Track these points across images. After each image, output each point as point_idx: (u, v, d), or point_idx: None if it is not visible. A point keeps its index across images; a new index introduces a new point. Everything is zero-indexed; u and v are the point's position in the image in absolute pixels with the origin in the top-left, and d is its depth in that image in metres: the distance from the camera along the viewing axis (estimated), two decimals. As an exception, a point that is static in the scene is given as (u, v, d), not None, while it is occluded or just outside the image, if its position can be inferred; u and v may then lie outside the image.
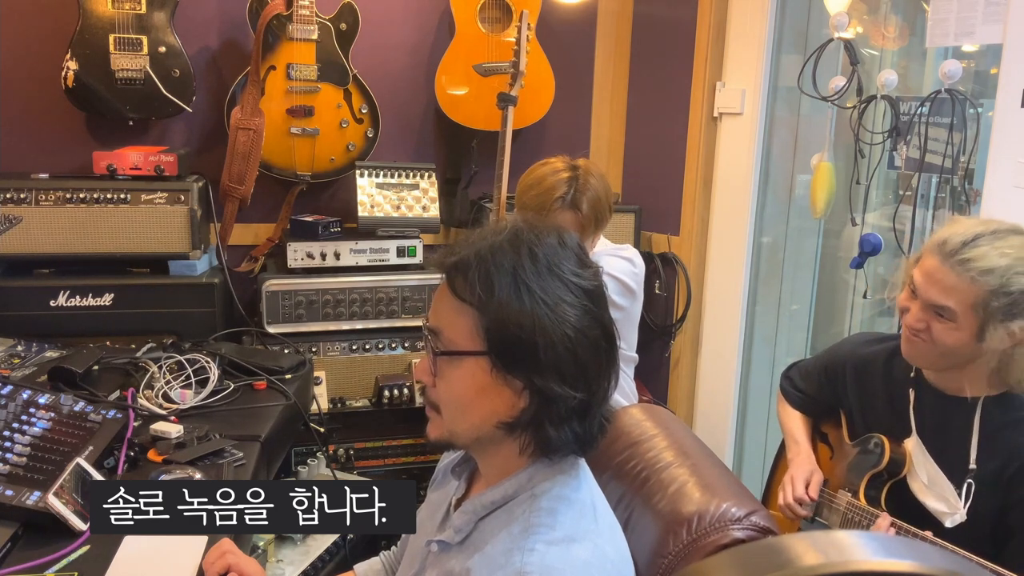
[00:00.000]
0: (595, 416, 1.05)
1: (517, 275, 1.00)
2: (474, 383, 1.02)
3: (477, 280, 1.00)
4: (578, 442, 1.05)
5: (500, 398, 1.02)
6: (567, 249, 1.04)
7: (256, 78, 2.53)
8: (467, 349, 1.02)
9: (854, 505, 1.66)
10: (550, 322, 0.98)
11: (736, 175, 2.75)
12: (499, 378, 1.01)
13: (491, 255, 1.01)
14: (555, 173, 2.13)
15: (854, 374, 1.75)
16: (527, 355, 0.99)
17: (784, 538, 0.60)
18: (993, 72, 2.01)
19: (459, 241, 1.07)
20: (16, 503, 1.31)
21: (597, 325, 1.03)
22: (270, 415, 1.86)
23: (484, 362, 1.01)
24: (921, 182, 2.21)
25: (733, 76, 2.74)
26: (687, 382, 2.97)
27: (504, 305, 0.99)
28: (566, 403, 1.00)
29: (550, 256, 1.02)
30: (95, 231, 2.33)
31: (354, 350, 2.57)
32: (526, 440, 1.04)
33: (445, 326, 1.04)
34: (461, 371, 1.03)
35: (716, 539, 1.13)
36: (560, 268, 1.02)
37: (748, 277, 2.80)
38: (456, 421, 1.06)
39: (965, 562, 0.59)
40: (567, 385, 1.00)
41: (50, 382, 1.82)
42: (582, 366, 1.01)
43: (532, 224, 1.06)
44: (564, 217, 2.10)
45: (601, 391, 1.05)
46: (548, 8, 2.87)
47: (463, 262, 1.02)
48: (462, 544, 1.08)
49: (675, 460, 1.30)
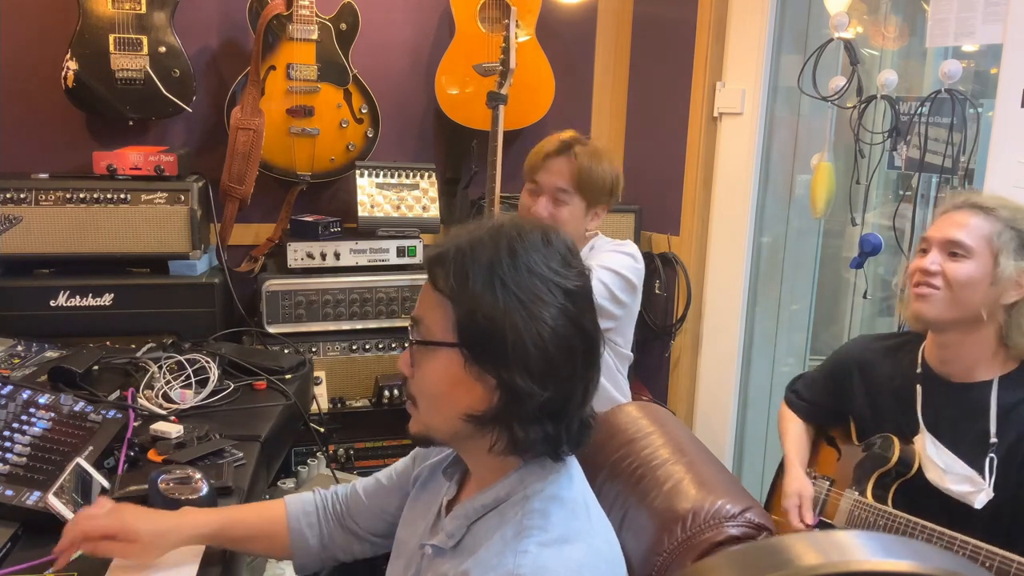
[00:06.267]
0: (571, 419, 1.04)
1: (493, 269, 0.99)
2: (447, 375, 1.02)
3: (452, 272, 1.00)
4: (549, 443, 1.04)
5: (471, 393, 1.02)
6: (551, 248, 1.03)
7: (256, 78, 2.53)
8: (440, 340, 1.02)
9: (861, 502, 1.66)
10: (521, 318, 0.98)
11: (736, 175, 2.75)
12: (472, 372, 1.01)
13: (470, 248, 1.02)
14: (554, 136, 2.13)
15: (860, 375, 1.76)
16: (496, 349, 0.99)
17: (784, 538, 0.60)
18: (993, 72, 2.01)
19: (446, 235, 1.07)
20: (16, 503, 1.31)
21: (573, 326, 1.02)
22: (270, 415, 1.85)
23: (456, 355, 1.01)
24: (921, 182, 2.21)
25: (733, 76, 2.74)
26: (687, 382, 2.97)
27: (476, 297, 0.99)
28: (533, 400, 0.99)
29: (530, 253, 1.01)
30: (95, 231, 2.33)
31: (354, 350, 2.57)
32: (496, 436, 1.04)
33: (424, 316, 1.05)
34: (436, 363, 1.03)
35: (711, 536, 1.13)
36: (539, 266, 1.01)
37: (748, 277, 2.80)
38: (431, 414, 1.07)
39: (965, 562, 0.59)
40: (535, 382, 0.99)
41: (50, 382, 1.81)
42: (552, 365, 1.00)
43: (517, 221, 1.06)
44: (558, 164, 2.04)
45: (577, 393, 1.04)
46: (548, 8, 2.87)
47: (443, 254, 1.03)
48: (455, 549, 1.08)
49: (670, 457, 1.30)
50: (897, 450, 1.63)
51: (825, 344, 2.88)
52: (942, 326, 1.59)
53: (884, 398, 1.71)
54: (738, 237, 2.76)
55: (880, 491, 1.65)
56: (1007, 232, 1.52)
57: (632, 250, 2.12)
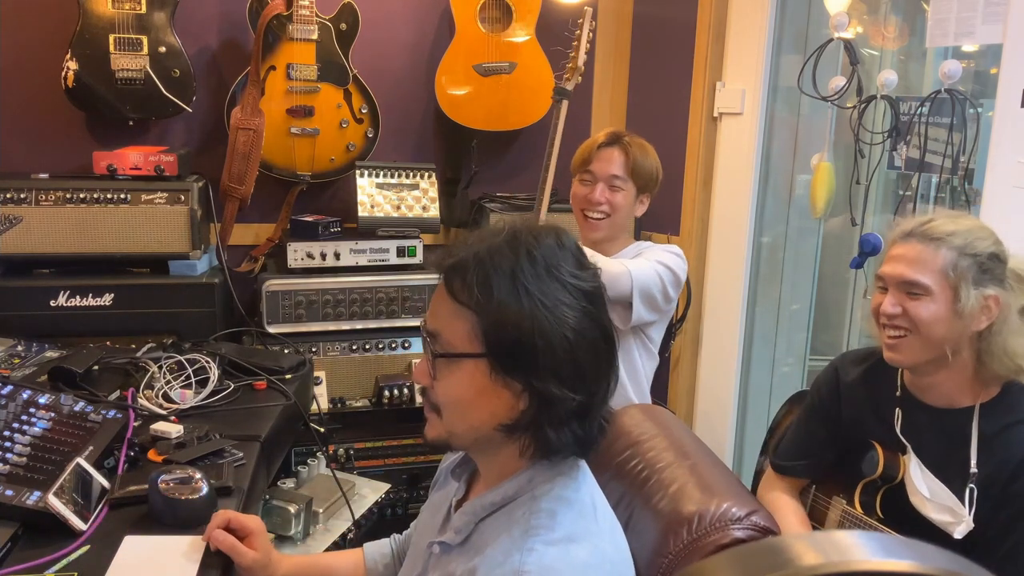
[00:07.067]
0: (595, 418, 1.05)
1: (515, 277, 0.99)
2: (473, 385, 1.02)
3: (475, 282, 1.00)
4: (578, 444, 1.04)
5: (499, 400, 1.02)
6: (565, 250, 1.04)
7: (256, 78, 2.53)
8: (465, 351, 1.02)
9: (849, 512, 1.65)
10: (549, 324, 0.98)
11: (736, 175, 2.75)
12: (498, 380, 1.01)
13: (489, 257, 1.01)
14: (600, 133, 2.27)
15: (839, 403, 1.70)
16: (526, 357, 0.99)
17: (784, 538, 0.60)
18: (993, 72, 2.01)
19: (457, 243, 1.07)
20: (16, 503, 1.31)
21: (596, 327, 1.02)
22: (270, 415, 1.85)
23: (483, 364, 1.01)
24: (921, 182, 2.21)
25: (733, 76, 2.74)
26: (687, 382, 2.97)
27: (503, 307, 0.98)
28: (565, 405, 1.00)
29: (548, 257, 1.01)
30: (95, 231, 2.33)
31: (354, 350, 2.57)
32: (526, 442, 1.04)
33: (443, 328, 1.04)
34: (460, 373, 1.03)
35: (716, 539, 1.13)
36: (558, 270, 1.01)
37: (748, 277, 2.80)
38: (455, 423, 1.06)
39: (966, 562, 0.59)
40: (566, 387, 0.99)
41: (50, 382, 1.81)
42: (580, 368, 1.00)
43: (530, 226, 1.06)
44: (611, 154, 2.17)
45: (600, 393, 1.04)
46: (548, 8, 2.87)
47: (461, 264, 1.02)
48: (463, 546, 1.08)
49: (675, 460, 1.30)
50: (882, 460, 1.58)
51: (825, 344, 2.88)
52: (918, 368, 1.54)
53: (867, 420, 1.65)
54: (738, 237, 2.76)
55: (866, 498, 1.63)
56: (963, 260, 1.44)
57: (680, 252, 2.18)
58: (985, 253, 1.45)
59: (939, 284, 1.45)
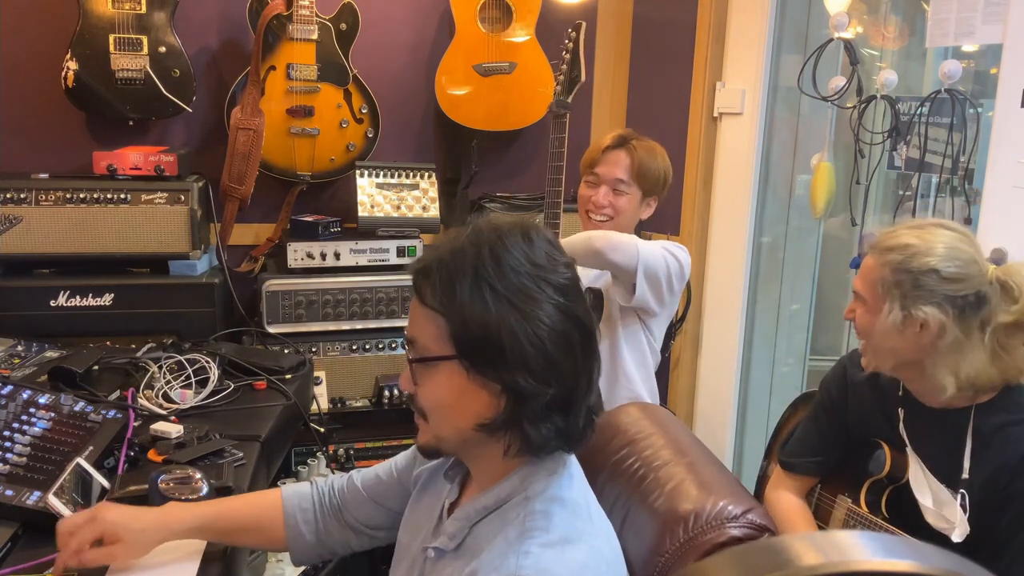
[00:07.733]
0: (578, 410, 1.05)
1: (479, 276, 0.99)
2: (452, 388, 1.03)
3: (439, 285, 1.00)
4: (562, 437, 1.04)
5: (480, 401, 1.02)
6: (533, 245, 1.03)
7: (256, 78, 2.53)
8: (439, 354, 1.02)
9: (854, 511, 1.65)
10: (515, 320, 0.98)
11: (736, 175, 2.75)
12: (476, 380, 1.01)
13: (452, 258, 1.01)
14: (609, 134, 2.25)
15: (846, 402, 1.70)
16: (494, 355, 0.99)
17: (784, 538, 0.60)
18: (993, 72, 2.01)
19: (428, 247, 1.07)
20: (16, 503, 1.31)
21: (567, 319, 1.01)
22: (270, 415, 1.85)
23: (457, 366, 1.01)
24: (921, 182, 2.21)
25: (733, 76, 2.74)
26: (687, 382, 2.97)
27: (466, 307, 0.99)
28: (540, 399, 1.00)
29: (514, 253, 1.01)
30: (95, 231, 2.33)
31: (354, 350, 2.57)
32: (508, 440, 1.04)
33: (418, 334, 1.05)
34: (439, 377, 1.03)
35: (713, 537, 1.13)
36: (525, 265, 1.01)
37: (748, 277, 2.80)
38: (441, 427, 1.07)
39: (966, 562, 0.59)
40: (538, 381, 0.99)
41: (50, 382, 1.81)
42: (552, 360, 1.00)
43: (495, 224, 1.05)
44: (617, 157, 2.16)
45: (582, 383, 1.04)
46: (548, 8, 2.87)
47: (426, 268, 1.03)
48: (457, 551, 1.08)
49: (672, 458, 1.30)
50: (889, 459, 1.59)
51: (825, 344, 2.88)
52: (896, 373, 1.53)
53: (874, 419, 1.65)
54: (738, 237, 2.76)
55: (872, 497, 1.63)
56: (896, 275, 1.41)
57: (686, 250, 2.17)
58: (921, 270, 1.40)
59: (872, 296, 1.47)
